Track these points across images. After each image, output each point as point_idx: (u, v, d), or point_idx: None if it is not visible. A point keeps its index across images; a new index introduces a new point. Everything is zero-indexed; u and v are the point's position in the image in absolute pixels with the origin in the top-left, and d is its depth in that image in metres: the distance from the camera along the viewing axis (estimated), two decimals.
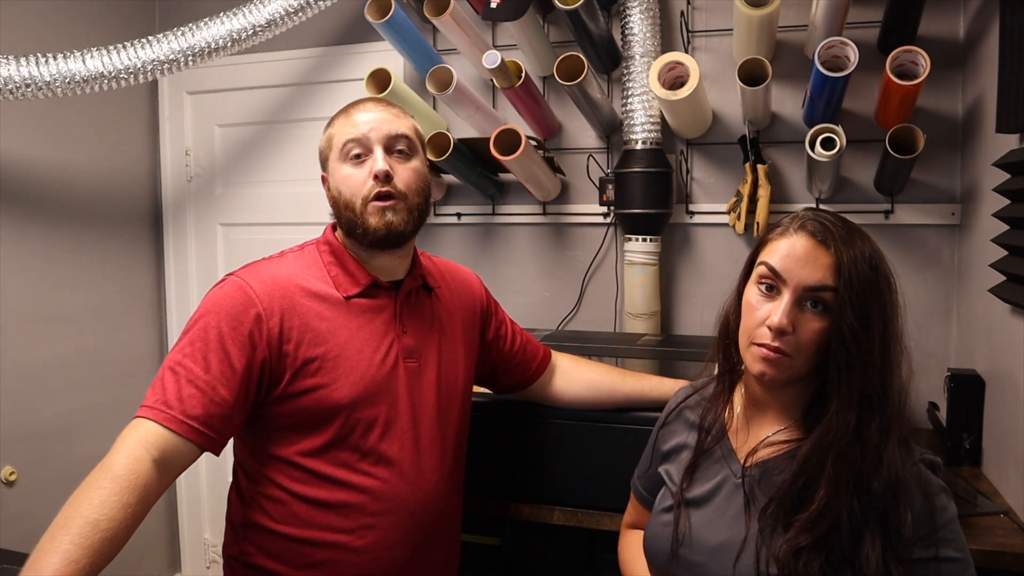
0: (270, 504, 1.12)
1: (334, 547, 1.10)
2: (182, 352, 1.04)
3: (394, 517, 1.13)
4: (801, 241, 0.91)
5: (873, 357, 0.87)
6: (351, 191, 1.13)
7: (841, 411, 0.88)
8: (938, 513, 0.87)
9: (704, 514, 0.97)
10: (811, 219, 0.92)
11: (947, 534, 0.87)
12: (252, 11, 1.98)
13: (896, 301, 0.91)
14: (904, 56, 1.62)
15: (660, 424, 1.13)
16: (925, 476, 0.88)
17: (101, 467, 0.91)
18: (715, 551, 0.93)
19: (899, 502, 0.85)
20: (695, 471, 1.01)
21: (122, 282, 2.55)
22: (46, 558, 0.80)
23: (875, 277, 0.89)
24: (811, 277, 0.89)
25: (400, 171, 1.14)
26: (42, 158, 2.25)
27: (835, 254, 0.89)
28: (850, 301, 0.87)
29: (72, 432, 2.33)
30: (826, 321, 0.89)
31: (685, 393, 1.12)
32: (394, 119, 1.16)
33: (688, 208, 2.11)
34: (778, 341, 0.89)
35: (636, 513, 1.19)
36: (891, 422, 0.88)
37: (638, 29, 1.94)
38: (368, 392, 1.12)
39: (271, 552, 1.12)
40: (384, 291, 1.18)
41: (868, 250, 0.90)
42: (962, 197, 1.89)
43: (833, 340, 0.88)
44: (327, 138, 1.18)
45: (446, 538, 1.23)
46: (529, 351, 1.41)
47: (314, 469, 1.10)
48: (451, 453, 1.22)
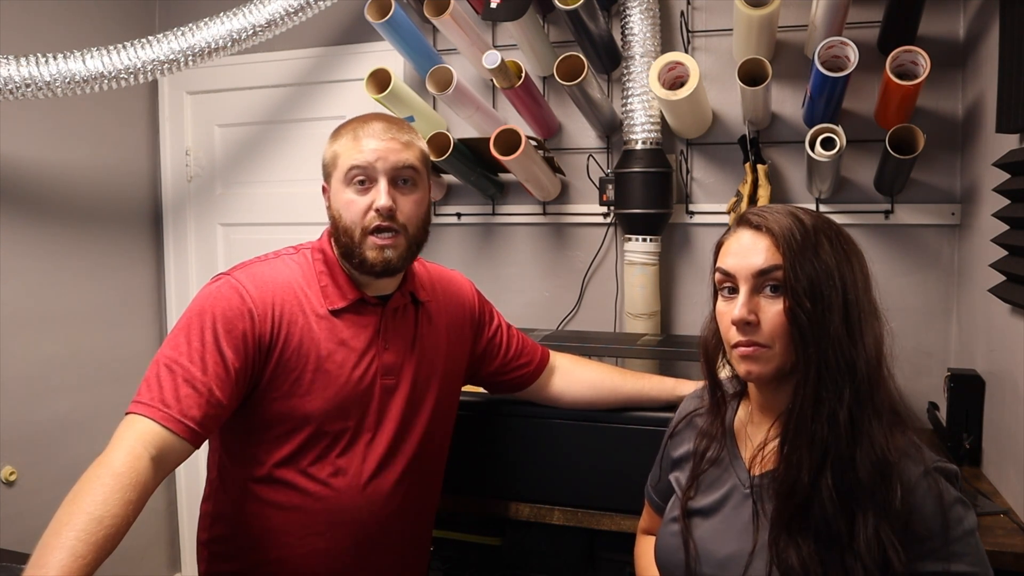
0: (229, 498, 1.17)
1: (284, 547, 1.15)
2: (177, 351, 1.04)
3: (344, 528, 1.16)
4: (743, 235, 0.92)
5: (828, 325, 0.85)
6: (351, 219, 1.13)
7: (801, 386, 0.87)
8: (952, 525, 0.83)
9: (712, 525, 0.95)
10: (751, 213, 0.93)
11: (961, 548, 0.83)
12: (252, 11, 1.98)
13: (856, 269, 0.89)
14: (904, 56, 1.62)
15: (670, 433, 1.11)
16: (940, 486, 0.84)
17: (101, 463, 0.91)
18: (723, 564, 0.92)
19: (889, 483, 0.83)
20: (702, 480, 0.99)
21: (122, 282, 2.55)
22: (52, 554, 0.80)
23: (817, 244, 0.87)
24: (756, 263, 0.89)
25: (403, 204, 1.14)
26: (42, 158, 2.25)
27: (772, 234, 0.89)
28: (794, 272, 0.86)
29: (72, 432, 2.33)
30: (783, 300, 0.88)
31: (696, 400, 1.10)
32: (402, 149, 1.14)
33: (688, 208, 2.11)
34: (748, 334, 0.89)
35: (650, 519, 1.18)
36: (863, 395, 0.85)
37: (638, 29, 1.94)
38: (341, 407, 1.14)
39: (229, 542, 1.18)
40: (371, 307, 1.19)
41: (812, 222, 0.89)
42: (962, 197, 1.89)
43: (787, 315, 0.87)
44: (332, 154, 1.16)
45: (402, 549, 1.25)
46: (526, 353, 1.41)
47: (274, 473, 1.14)
48: (412, 466, 1.22)
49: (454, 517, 1.53)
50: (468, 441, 1.46)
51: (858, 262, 0.90)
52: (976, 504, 1.45)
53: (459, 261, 2.34)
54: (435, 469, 1.31)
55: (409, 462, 1.22)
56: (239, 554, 1.17)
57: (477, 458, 1.49)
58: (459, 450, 1.41)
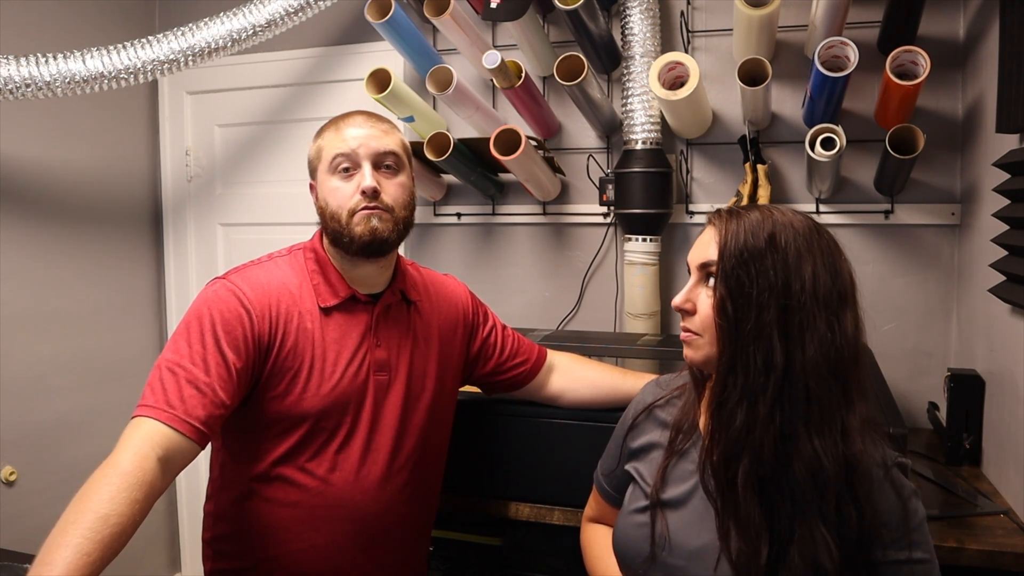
0: (231, 496, 1.18)
1: (283, 543, 1.16)
2: (179, 354, 1.06)
3: (341, 523, 1.17)
4: (707, 230, 0.95)
5: (746, 323, 0.85)
6: (338, 203, 1.16)
7: (719, 376, 0.89)
8: (911, 516, 0.88)
9: (681, 516, 0.96)
10: (721, 210, 0.95)
11: (918, 537, 0.88)
12: (252, 11, 1.99)
13: (811, 272, 0.86)
14: (904, 56, 1.62)
15: (629, 425, 1.11)
16: (899, 479, 0.89)
17: (108, 464, 0.92)
18: (695, 555, 0.93)
19: (824, 490, 0.84)
20: (670, 472, 1.00)
21: (122, 282, 2.55)
22: (59, 551, 0.81)
23: (769, 244, 0.86)
24: (701, 256, 0.93)
25: (387, 186, 1.17)
26: (42, 158, 2.25)
27: (719, 230, 0.91)
28: (723, 268, 0.88)
29: (72, 432, 2.33)
30: (715, 293, 0.90)
31: (652, 392, 1.11)
32: (383, 135, 1.18)
33: (688, 208, 2.11)
34: (685, 321, 0.94)
35: (599, 508, 1.17)
36: (794, 399, 0.84)
37: (638, 29, 1.94)
38: (337, 403, 1.16)
39: (232, 540, 1.19)
40: (362, 304, 1.21)
41: (773, 223, 0.88)
42: (962, 197, 1.89)
43: (714, 308, 0.89)
44: (316, 149, 1.20)
45: (401, 545, 1.25)
46: (522, 353, 1.42)
47: (273, 470, 1.15)
48: (409, 463, 1.23)
49: (454, 517, 1.53)
50: (468, 441, 1.46)
51: (818, 264, 0.87)
52: (976, 504, 1.45)
53: (459, 261, 2.34)
54: (434, 466, 1.32)
55: (407, 458, 1.23)
56: (242, 552, 1.18)
57: (477, 458, 1.49)
58: (459, 450, 1.42)
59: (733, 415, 0.87)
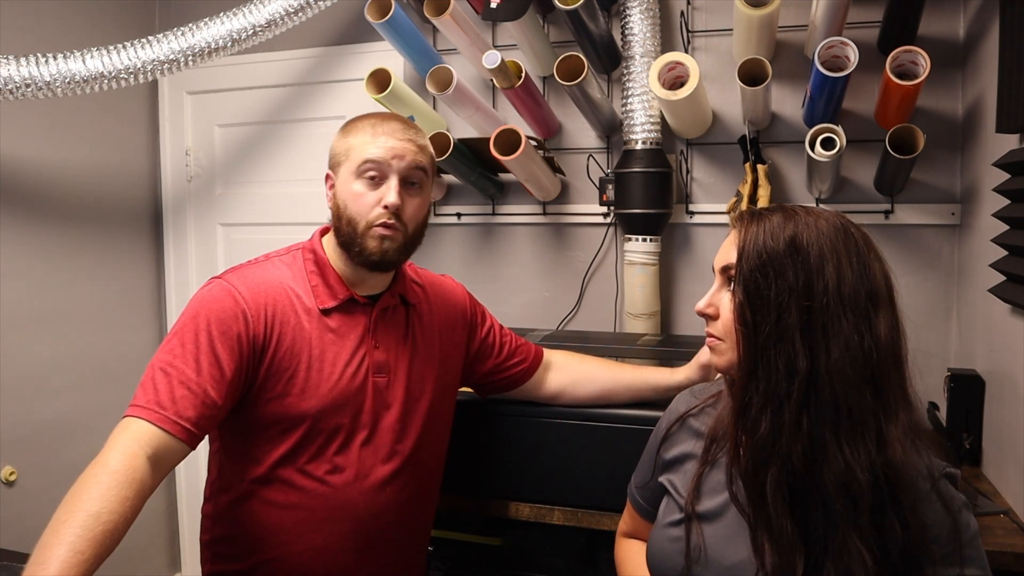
0: (230, 498, 1.18)
1: (283, 545, 1.15)
2: (172, 353, 1.06)
3: (341, 525, 1.17)
4: (732, 233, 0.93)
5: (765, 326, 0.83)
6: (357, 210, 1.15)
7: (736, 389, 0.87)
8: (963, 530, 0.83)
9: (716, 530, 0.92)
10: (745, 212, 0.93)
11: (971, 552, 0.83)
12: (252, 11, 1.99)
13: (834, 274, 0.82)
14: (904, 56, 1.62)
15: (663, 436, 1.07)
16: (947, 491, 0.84)
17: (97, 463, 0.92)
18: (731, 570, 0.89)
19: (856, 500, 0.79)
20: (704, 484, 0.96)
21: (122, 282, 2.55)
22: (52, 550, 0.81)
23: (791, 246, 0.84)
24: (723, 259, 0.91)
25: (409, 204, 1.17)
26: (42, 158, 2.25)
27: (740, 232, 0.89)
28: (742, 271, 0.86)
29: (72, 432, 2.33)
30: (734, 297, 0.88)
31: (686, 401, 1.07)
32: (418, 152, 1.17)
33: (688, 208, 2.11)
34: (708, 327, 0.92)
35: (633, 523, 1.14)
36: (821, 405, 0.81)
37: (638, 29, 1.94)
38: (335, 404, 1.15)
39: (230, 542, 1.18)
40: (360, 306, 1.21)
41: (796, 223, 0.85)
42: (962, 197, 1.89)
43: (734, 312, 0.87)
44: (346, 146, 1.17)
45: (401, 546, 1.25)
46: (519, 352, 1.42)
47: (272, 472, 1.15)
48: (410, 464, 1.23)
49: (454, 517, 1.53)
50: (468, 441, 1.46)
51: (843, 264, 0.83)
52: (976, 504, 1.45)
53: (459, 261, 2.34)
54: (433, 468, 1.32)
55: (406, 460, 1.22)
56: (241, 554, 1.18)
57: (477, 458, 1.49)
58: (459, 450, 1.42)
59: (757, 422, 0.84)
